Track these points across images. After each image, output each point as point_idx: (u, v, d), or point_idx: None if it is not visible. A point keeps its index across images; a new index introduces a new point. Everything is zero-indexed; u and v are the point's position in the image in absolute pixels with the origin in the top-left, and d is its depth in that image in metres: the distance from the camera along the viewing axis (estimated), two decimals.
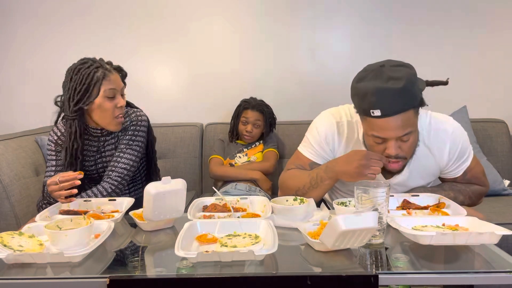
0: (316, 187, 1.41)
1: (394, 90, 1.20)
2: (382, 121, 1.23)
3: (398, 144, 1.29)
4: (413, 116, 1.27)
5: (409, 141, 1.30)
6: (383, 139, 1.29)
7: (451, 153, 1.42)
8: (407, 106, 1.23)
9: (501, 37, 2.57)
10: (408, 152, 1.33)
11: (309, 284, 0.90)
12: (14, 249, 1.02)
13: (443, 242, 1.00)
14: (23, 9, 2.59)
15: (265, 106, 2.34)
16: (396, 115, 1.22)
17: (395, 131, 1.25)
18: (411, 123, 1.27)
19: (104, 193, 1.56)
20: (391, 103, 1.21)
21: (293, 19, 2.58)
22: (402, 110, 1.22)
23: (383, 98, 1.21)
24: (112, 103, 1.57)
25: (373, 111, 1.23)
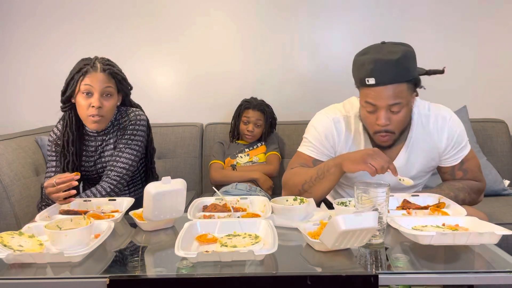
0: (323, 177, 1.41)
1: (389, 61, 1.30)
2: (376, 90, 1.32)
3: (389, 115, 1.35)
4: (405, 90, 1.34)
5: (399, 114, 1.35)
6: (374, 107, 1.35)
7: (449, 139, 1.46)
8: (400, 78, 1.32)
9: (501, 37, 2.57)
10: (397, 126, 1.38)
11: (309, 284, 0.90)
12: (14, 249, 1.02)
13: (443, 242, 1.00)
14: (22, 9, 2.59)
15: (266, 105, 2.35)
16: (389, 84, 1.31)
17: (387, 99, 1.32)
18: (403, 95, 1.33)
19: (103, 193, 1.56)
20: (385, 73, 1.30)
21: (293, 19, 2.58)
22: (395, 81, 1.31)
23: (378, 67, 1.30)
24: (86, 101, 1.57)
25: (368, 79, 1.32)
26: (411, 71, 1.34)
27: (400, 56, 1.30)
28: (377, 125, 1.37)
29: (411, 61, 1.35)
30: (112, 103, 1.62)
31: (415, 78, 1.36)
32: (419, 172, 1.51)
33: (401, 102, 1.34)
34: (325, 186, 1.43)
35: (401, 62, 1.31)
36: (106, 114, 1.60)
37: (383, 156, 1.30)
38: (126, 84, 1.68)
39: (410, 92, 1.37)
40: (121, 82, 1.65)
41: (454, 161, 1.50)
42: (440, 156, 1.50)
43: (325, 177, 1.41)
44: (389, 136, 1.39)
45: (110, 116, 1.64)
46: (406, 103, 1.36)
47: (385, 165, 1.28)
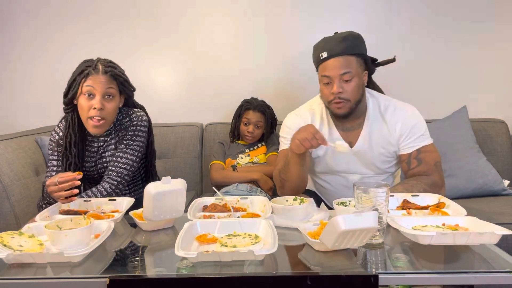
0: (288, 163, 1.56)
1: (338, 37, 1.57)
2: (328, 62, 1.55)
3: (341, 84, 1.54)
4: (354, 62, 1.55)
5: (351, 83, 1.55)
6: (329, 79, 1.55)
7: (403, 128, 1.62)
8: (348, 50, 1.54)
9: (501, 37, 2.57)
10: (351, 94, 1.56)
11: (309, 284, 0.90)
12: (14, 249, 1.02)
13: (443, 242, 1.00)
14: (23, 10, 2.59)
15: (267, 107, 2.34)
16: (339, 56, 1.53)
17: (338, 69, 1.53)
18: (352, 66, 1.54)
19: (104, 193, 1.56)
20: (334, 46, 1.55)
21: (294, 19, 2.58)
22: (344, 53, 1.53)
23: (329, 43, 1.57)
24: (88, 103, 1.57)
25: (321, 54, 1.56)
26: (358, 47, 1.57)
27: (346, 34, 1.57)
28: (332, 94, 1.55)
29: (357, 39, 1.58)
30: (113, 105, 1.62)
31: (363, 54, 1.58)
32: (380, 155, 1.65)
33: (351, 71, 1.53)
34: (293, 170, 1.56)
35: (348, 39, 1.55)
36: (107, 116, 1.60)
37: (307, 129, 1.43)
38: (128, 85, 1.67)
39: (359, 66, 1.57)
40: (123, 84, 1.64)
41: (409, 148, 1.61)
42: (398, 143, 1.63)
43: (289, 162, 1.55)
44: (343, 103, 1.56)
45: (112, 119, 1.64)
46: (356, 74, 1.55)
47: (308, 136, 1.41)
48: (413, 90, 2.58)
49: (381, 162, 1.67)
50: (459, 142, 2.26)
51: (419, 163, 1.59)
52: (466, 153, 2.22)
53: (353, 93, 1.56)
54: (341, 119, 1.64)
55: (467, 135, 2.29)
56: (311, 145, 1.42)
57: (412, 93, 2.58)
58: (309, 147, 1.43)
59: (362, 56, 1.58)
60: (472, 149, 2.25)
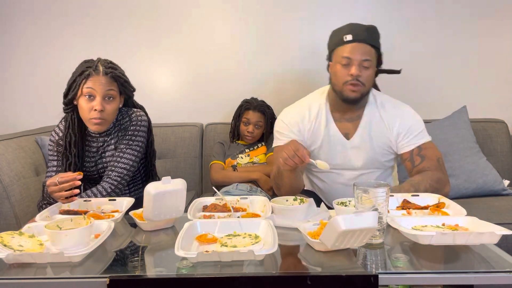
0: (281, 174, 1.55)
1: (364, 25, 1.60)
2: (352, 45, 1.56)
3: (360, 68, 1.55)
4: (373, 54, 1.58)
5: (368, 71, 1.57)
6: (349, 61, 1.56)
7: (401, 127, 1.63)
8: (372, 41, 1.58)
9: (501, 37, 2.56)
10: (366, 80, 1.58)
11: (309, 284, 0.90)
12: (14, 249, 1.02)
13: (443, 242, 1.00)
14: (24, 11, 2.58)
15: (267, 107, 2.34)
16: (363, 43, 1.56)
17: (361, 54, 1.55)
18: (372, 56, 1.57)
19: (104, 193, 1.56)
20: (361, 32, 1.57)
21: (294, 19, 2.58)
22: (368, 40, 1.56)
23: (355, 27, 1.59)
24: (88, 104, 1.57)
25: (345, 36, 1.57)
26: (379, 42, 1.61)
27: (372, 26, 1.61)
28: (349, 76, 1.56)
29: (379, 35, 1.62)
30: (114, 106, 1.62)
31: (380, 51, 1.62)
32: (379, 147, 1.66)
33: (371, 60, 1.57)
34: (286, 180, 1.56)
35: (372, 30, 1.60)
36: (108, 117, 1.60)
37: (289, 147, 1.41)
38: (128, 86, 1.67)
39: (375, 61, 1.60)
40: (124, 85, 1.64)
41: (409, 146, 1.63)
42: (396, 142, 1.64)
43: (281, 174, 1.55)
44: (359, 86, 1.57)
45: (112, 119, 1.64)
46: (373, 66, 1.59)
47: (289, 154, 1.39)
48: (413, 90, 2.58)
49: (380, 154, 1.67)
50: (459, 142, 2.26)
51: (423, 159, 1.59)
52: (466, 153, 2.22)
53: (368, 79, 1.59)
54: (343, 106, 1.64)
55: (467, 135, 2.29)
56: (294, 163, 1.40)
57: (412, 93, 2.58)
58: (293, 165, 1.41)
59: (379, 52, 1.62)
60: (472, 149, 2.25)
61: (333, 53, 1.63)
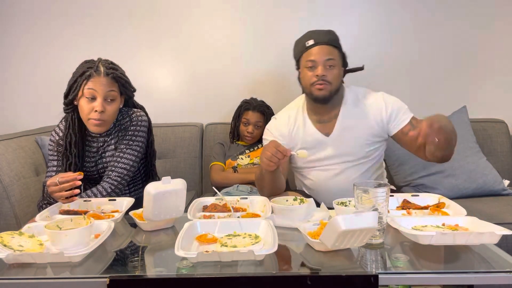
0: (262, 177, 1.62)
1: (323, 30, 1.71)
2: (314, 49, 1.65)
3: (325, 69, 1.64)
4: (337, 54, 1.67)
5: (333, 71, 1.65)
6: (313, 63, 1.65)
7: (388, 105, 1.69)
8: (333, 42, 1.68)
9: (501, 37, 2.56)
10: (332, 79, 1.65)
11: (309, 284, 0.90)
12: (14, 249, 1.02)
13: (443, 242, 1.00)
14: (25, 11, 2.58)
15: (266, 107, 2.34)
16: (324, 45, 1.65)
17: (324, 55, 1.64)
18: (335, 57, 1.66)
19: (104, 193, 1.56)
20: (321, 36, 1.68)
21: (294, 19, 2.58)
22: (329, 42, 1.67)
23: (315, 33, 1.70)
24: (89, 105, 1.56)
25: (308, 42, 1.67)
26: (339, 43, 1.71)
27: (330, 30, 1.72)
28: (315, 77, 1.64)
29: (338, 38, 1.72)
30: (114, 107, 1.62)
31: (342, 52, 1.71)
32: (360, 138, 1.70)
33: (335, 59, 1.65)
34: (267, 183, 1.63)
35: (332, 33, 1.71)
36: (108, 118, 1.60)
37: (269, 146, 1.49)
38: (129, 87, 1.67)
39: (340, 61, 1.69)
40: (124, 86, 1.64)
41: (406, 119, 1.67)
42: (389, 122, 1.68)
43: (263, 176, 1.61)
44: (325, 85, 1.64)
45: (113, 119, 1.64)
46: (338, 65, 1.67)
47: (272, 151, 1.46)
48: (413, 90, 2.58)
49: (363, 145, 1.71)
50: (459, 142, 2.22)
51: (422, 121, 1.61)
52: (466, 153, 2.22)
53: (334, 78, 1.66)
54: (318, 108, 1.72)
55: (467, 135, 2.29)
56: (277, 159, 1.46)
57: (412, 93, 2.58)
58: (277, 162, 1.47)
59: (342, 52, 1.71)
60: (472, 149, 2.24)
61: (299, 61, 1.73)
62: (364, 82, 2.55)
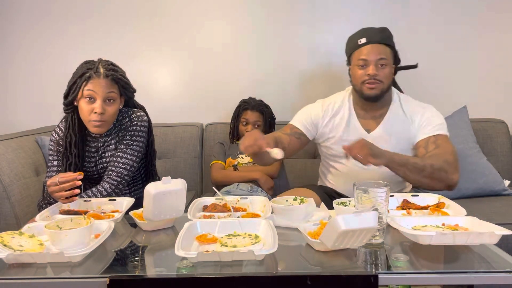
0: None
1: (376, 28, 1.71)
2: (367, 47, 1.66)
3: (377, 68, 1.65)
4: (389, 53, 1.68)
5: (385, 69, 1.66)
6: (365, 62, 1.66)
7: (423, 118, 1.70)
8: (386, 41, 1.68)
9: (501, 37, 2.56)
10: (384, 78, 1.66)
11: (309, 284, 0.90)
12: (14, 249, 1.02)
13: (443, 242, 1.00)
14: (25, 12, 2.58)
15: (265, 106, 2.34)
16: (377, 43, 1.66)
17: (376, 54, 1.65)
18: (387, 56, 1.67)
19: (104, 193, 1.56)
20: (373, 34, 1.68)
21: (293, 19, 2.58)
22: (382, 41, 1.67)
23: (368, 31, 1.70)
24: (89, 106, 1.56)
25: (360, 40, 1.68)
26: (392, 41, 1.71)
27: (384, 28, 1.72)
28: (367, 75, 1.65)
29: (391, 35, 1.73)
30: (114, 108, 1.61)
31: (395, 49, 1.72)
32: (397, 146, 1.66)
33: (387, 59, 1.66)
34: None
35: (386, 31, 1.71)
36: (108, 118, 1.60)
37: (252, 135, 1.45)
38: (129, 88, 1.67)
39: (392, 59, 1.70)
40: (124, 87, 1.64)
41: (427, 134, 1.66)
42: (416, 133, 1.69)
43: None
44: (377, 83, 1.65)
45: (112, 120, 1.64)
46: (389, 64, 1.68)
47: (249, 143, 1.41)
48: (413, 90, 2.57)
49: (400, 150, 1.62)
50: (459, 142, 2.26)
51: (437, 147, 1.60)
52: (467, 153, 2.22)
53: (386, 77, 1.66)
54: (366, 105, 1.72)
55: (467, 135, 2.29)
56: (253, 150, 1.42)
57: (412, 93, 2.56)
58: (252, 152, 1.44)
59: (394, 50, 1.71)
60: (472, 149, 2.24)
61: (351, 58, 1.74)
62: None
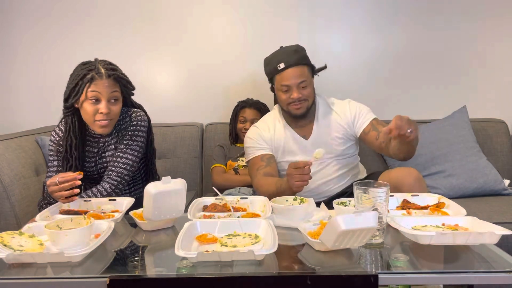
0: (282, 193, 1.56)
1: (290, 49, 1.80)
2: (287, 72, 1.75)
3: (299, 90, 1.76)
4: (307, 72, 1.78)
5: (307, 89, 1.78)
6: (288, 87, 1.77)
7: (351, 109, 1.85)
8: (301, 61, 1.77)
9: (501, 37, 2.56)
10: (307, 96, 1.79)
11: (309, 284, 0.90)
12: (14, 249, 1.02)
13: (443, 242, 1.00)
14: (26, 12, 2.58)
15: (262, 104, 2.36)
16: (295, 66, 1.75)
17: (296, 78, 1.75)
18: (306, 76, 1.78)
19: (104, 193, 1.56)
20: (290, 57, 1.76)
21: (293, 19, 2.58)
22: (298, 63, 1.76)
23: (284, 54, 1.78)
24: (93, 107, 1.56)
25: (279, 65, 1.76)
26: (307, 58, 1.81)
27: (296, 47, 1.82)
28: (291, 99, 1.77)
29: (304, 51, 1.82)
30: (119, 107, 1.62)
31: (311, 64, 1.82)
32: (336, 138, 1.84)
33: (306, 80, 1.77)
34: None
35: (298, 51, 1.80)
36: (114, 117, 1.61)
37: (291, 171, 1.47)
38: (130, 86, 1.67)
39: (310, 74, 1.81)
40: (126, 86, 1.64)
41: (367, 120, 1.81)
42: (354, 124, 1.83)
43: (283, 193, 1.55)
44: (301, 103, 1.78)
45: (117, 119, 1.65)
46: (310, 82, 1.80)
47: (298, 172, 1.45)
48: (413, 90, 2.58)
49: (338, 144, 1.84)
50: (459, 142, 2.26)
51: (383, 125, 1.72)
52: (467, 152, 2.22)
53: (309, 95, 1.80)
54: (297, 118, 1.84)
55: (467, 135, 2.29)
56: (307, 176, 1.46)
57: (413, 93, 2.58)
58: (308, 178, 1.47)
59: (310, 65, 1.82)
60: (472, 149, 2.25)
61: (273, 80, 1.84)
62: (364, 82, 2.57)
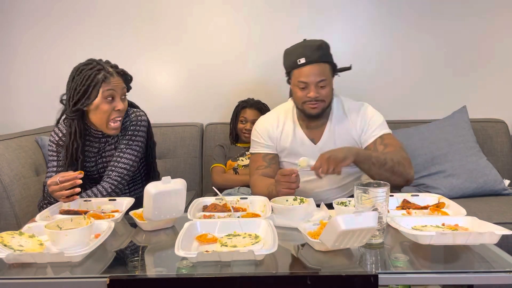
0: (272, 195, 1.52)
1: (314, 44, 1.67)
2: (306, 68, 1.63)
3: (317, 89, 1.64)
4: (328, 71, 1.66)
5: (325, 89, 1.65)
6: (305, 84, 1.64)
7: (363, 121, 1.72)
8: (324, 58, 1.65)
9: (501, 37, 2.56)
10: (325, 97, 1.67)
11: (309, 284, 0.90)
12: (14, 249, 1.02)
13: (443, 242, 1.00)
14: (26, 12, 2.58)
15: (263, 104, 2.35)
16: (316, 63, 1.63)
17: (315, 76, 1.62)
18: (326, 74, 1.65)
19: (104, 193, 1.56)
20: (312, 53, 1.64)
21: (293, 19, 2.58)
22: (320, 60, 1.64)
23: (306, 49, 1.65)
24: (110, 106, 1.56)
25: (299, 60, 1.64)
26: (330, 55, 1.69)
27: (321, 42, 1.68)
28: (307, 97, 1.65)
29: (329, 48, 1.70)
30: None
31: (333, 63, 1.69)
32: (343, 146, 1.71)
33: (326, 79, 1.64)
34: None
35: (323, 47, 1.67)
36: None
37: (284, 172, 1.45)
38: (130, 82, 1.69)
39: (331, 73, 1.68)
40: (129, 82, 1.66)
41: (372, 137, 1.69)
42: (360, 136, 1.72)
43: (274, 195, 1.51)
44: (318, 103, 1.66)
45: None
46: (329, 82, 1.67)
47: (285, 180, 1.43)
48: (413, 90, 2.58)
49: None
50: (459, 142, 2.26)
51: (386, 146, 1.65)
52: (467, 152, 2.22)
53: (327, 96, 1.68)
54: (310, 119, 1.73)
55: (467, 135, 2.29)
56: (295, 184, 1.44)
57: (412, 93, 2.58)
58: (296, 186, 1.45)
59: (332, 63, 1.69)
60: (472, 148, 2.25)
61: (290, 75, 1.72)
62: (364, 83, 2.57)
